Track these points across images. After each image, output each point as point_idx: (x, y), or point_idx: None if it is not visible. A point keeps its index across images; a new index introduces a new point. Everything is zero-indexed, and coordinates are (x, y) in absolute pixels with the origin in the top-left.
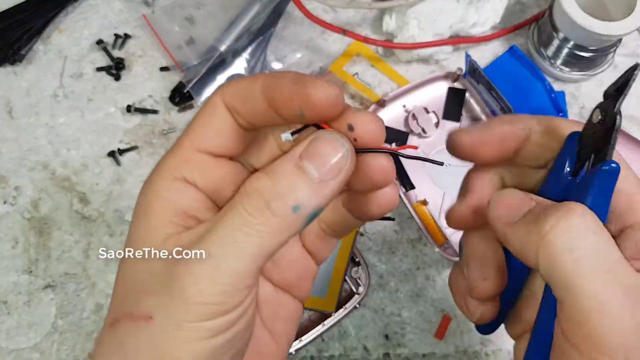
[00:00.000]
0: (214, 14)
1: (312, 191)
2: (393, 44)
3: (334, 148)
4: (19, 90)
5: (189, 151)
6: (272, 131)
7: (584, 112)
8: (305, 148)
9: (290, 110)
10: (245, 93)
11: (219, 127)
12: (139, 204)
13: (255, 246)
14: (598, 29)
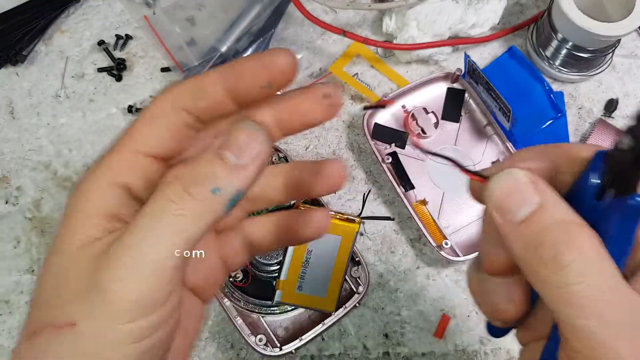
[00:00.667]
0: (215, 14)
1: (231, 174)
2: (393, 44)
3: (250, 136)
4: (21, 91)
5: (128, 154)
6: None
7: (583, 112)
8: (223, 139)
9: (254, 87)
10: (197, 89)
11: (163, 129)
12: (66, 206)
13: (176, 233)
14: (597, 29)
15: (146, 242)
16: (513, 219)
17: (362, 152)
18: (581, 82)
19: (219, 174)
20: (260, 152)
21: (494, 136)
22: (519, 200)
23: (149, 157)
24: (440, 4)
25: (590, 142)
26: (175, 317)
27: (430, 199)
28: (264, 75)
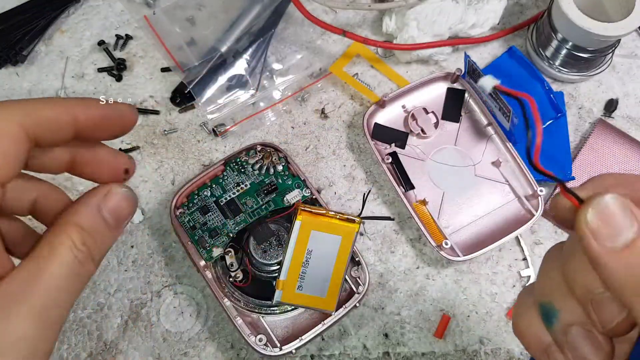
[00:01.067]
0: (215, 15)
1: (113, 238)
2: (393, 45)
3: (130, 205)
4: (21, 91)
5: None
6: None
7: (583, 112)
8: (105, 201)
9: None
10: (55, 124)
11: (12, 156)
12: None
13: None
14: (596, 30)
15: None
16: (613, 245)
17: (362, 152)
18: (581, 82)
19: (106, 239)
20: (130, 215)
21: (494, 136)
22: (619, 226)
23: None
24: (440, 4)
25: (590, 142)
26: None
27: (430, 199)
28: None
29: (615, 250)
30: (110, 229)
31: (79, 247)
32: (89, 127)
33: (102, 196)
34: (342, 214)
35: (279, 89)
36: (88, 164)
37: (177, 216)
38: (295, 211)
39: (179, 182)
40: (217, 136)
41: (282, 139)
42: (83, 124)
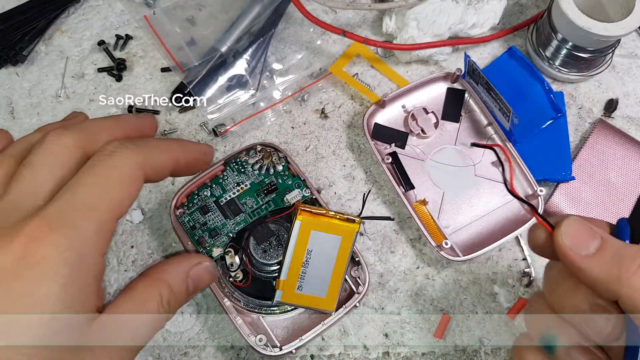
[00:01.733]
0: (215, 15)
1: (185, 302)
2: (393, 45)
3: (210, 280)
4: (21, 91)
5: (111, 220)
6: None
7: (582, 112)
8: (194, 269)
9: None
10: (163, 167)
11: (134, 196)
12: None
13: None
14: (596, 30)
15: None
16: (588, 253)
17: (362, 152)
18: (581, 82)
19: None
20: (207, 286)
21: (494, 136)
22: (587, 238)
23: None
24: (440, 4)
25: (590, 142)
26: None
27: (430, 199)
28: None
29: (589, 256)
30: (187, 295)
31: (164, 304)
32: (182, 169)
33: (193, 264)
34: (342, 214)
35: (279, 89)
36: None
37: (177, 216)
38: (295, 211)
39: (179, 182)
40: (217, 136)
41: (282, 139)
42: (180, 166)
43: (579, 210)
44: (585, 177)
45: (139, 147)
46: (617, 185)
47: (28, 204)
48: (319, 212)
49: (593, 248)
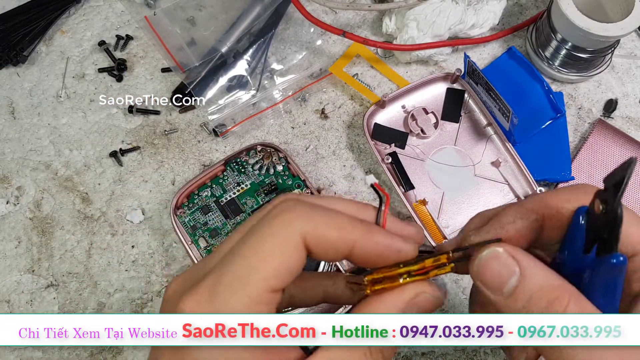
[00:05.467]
0: (215, 15)
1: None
2: (392, 45)
3: (434, 305)
4: (22, 91)
5: (266, 294)
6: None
7: (582, 112)
8: (411, 306)
9: (370, 266)
10: (332, 246)
11: (295, 269)
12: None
13: None
14: (596, 30)
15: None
16: (501, 295)
17: (362, 152)
18: (580, 82)
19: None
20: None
21: (493, 136)
22: (503, 277)
23: (275, 292)
24: (439, 5)
25: (590, 142)
26: None
27: (430, 199)
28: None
29: (504, 297)
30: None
31: (374, 355)
32: (362, 258)
33: (408, 301)
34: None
35: (279, 89)
36: (368, 259)
37: (177, 216)
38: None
39: (180, 182)
40: (217, 136)
41: (282, 139)
42: (358, 254)
43: None
44: (585, 177)
45: (305, 216)
46: None
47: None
48: (393, 282)
49: (508, 288)
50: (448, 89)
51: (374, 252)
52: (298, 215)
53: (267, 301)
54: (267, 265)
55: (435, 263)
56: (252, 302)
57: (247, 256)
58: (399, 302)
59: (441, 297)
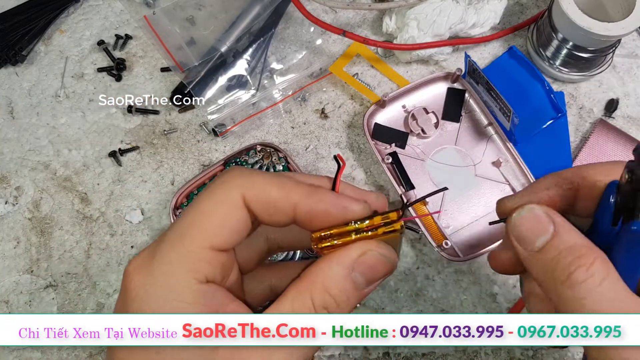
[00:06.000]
0: (215, 14)
1: (357, 300)
2: (393, 44)
3: (386, 267)
4: (21, 91)
5: (205, 251)
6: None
7: (583, 112)
8: (359, 263)
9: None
10: (274, 207)
11: (236, 228)
12: (157, 308)
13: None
14: (597, 29)
15: None
16: (532, 248)
17: (362, 152)
18: (581, 82)
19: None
20: (384, 276)
21: (494, 136)
22: (537, 232)
23: (217, 250)
24: (440, 4)
25: (591, 142)
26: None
27: (430, 199)
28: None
29: (533, 252)
30: (358, 291)
31: (318, 311)
32: (307, 220)
33: (355, 258)
34: (370, 220)
35: (279, 89)
36: (315, 218)
37: (177, 216)
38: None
39: (179, 182)
40: (217, 136)
41: (282, 139)
42: (303, 215)
43: None
44: None
45: (245, 176)
46: None
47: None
48: (343, 239)
49: (540, 243)
50: (449, 89)
51: (319, 210)
52: (237, 175)
53: (208, 259)
54: (205, 221)
55: (385, 220)
56: (192, 257)
57: (187, 215)
58: (346, 260)
59: (392, 258)
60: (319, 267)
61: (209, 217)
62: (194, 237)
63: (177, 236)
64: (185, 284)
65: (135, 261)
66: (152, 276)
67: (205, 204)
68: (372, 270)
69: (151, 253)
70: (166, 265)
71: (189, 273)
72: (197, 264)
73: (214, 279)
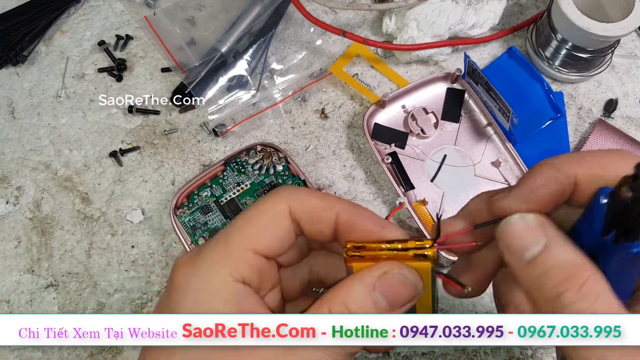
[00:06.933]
0: (215, 15)
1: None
2: (392, 45)
3: (409, 291)
4: (22, 91)
5: (246, 252)
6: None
7: (582, 112)
8: (380, 281)
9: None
10: (317, 216)
11: (279, 235)
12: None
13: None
14: (596, 30)
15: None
16: (521, 260)
17: (362, 152)
18: (581, 82)
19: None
20: (409, 304)
21: (493, 136)
22: (527, 244)
23: (258, 255)
24: (440, 5)
25: (590, 142)
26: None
27: (430, 199)
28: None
29: (522, 263)
30: (378, 311)
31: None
32: (345, 230)
33: (377, 276)
34: (404, 243)
35: (279, 89)
36: (353, 230)
37: (177, 216)
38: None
39: (179, 182)
40: (217, 136)
41: (282, 139)
42: (341, 225)
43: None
44: None
45: (291, 191)
46: None
47: None
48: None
49: (529, 256)
50: (448, 89)
51: (358, 223)
52: (284, 189)
53: (248, 260)
54: (250, 226)
55: (418, 244)
56: (233, 257)
57: (235, 222)
58: (368, 278)
59: (415, 281)
60: (341, 284)
61: (254, 222)
62: (237, 238)
63: (222, 238)
64: (222, 280)
65: (184, 257)
66: (195, 269)
67: (253, 212)
68: (393, 291)
69: (198, 251)
70: (208, 261)
71: (227, 270)
72: (237, 264)
73: (251, 282)
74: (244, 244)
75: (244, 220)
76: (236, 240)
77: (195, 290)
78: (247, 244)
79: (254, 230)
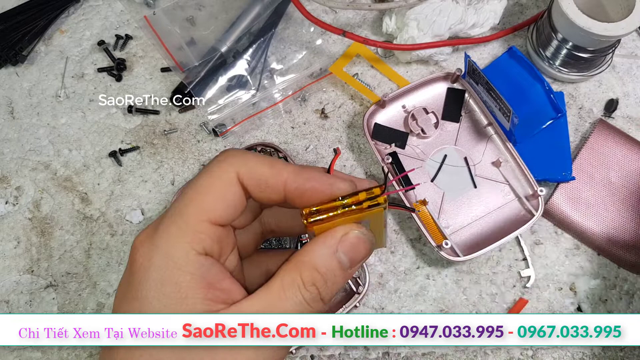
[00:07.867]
0: (215, 15)
1: (343, 279)
2: (393, 45)
3: (366, 248)
4: (21, 91)
5: (203, 224)
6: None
7: (583, 112)
8: (342, 243)
9: (307, 203)
10: (265, 183)
11: (232, 203)
12: (158, 278)
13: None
14: (596, 30)
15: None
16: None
17: (362, 152)
18: (581, 82)
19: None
20: (366, 256)
21: (494, 136)
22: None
23: (214, 224)
24: (440, 4)
25: (590, 142)
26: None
27: (430, 199)
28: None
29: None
30: (343, 270)
31: (307, 287)
32: (296, 196)
33: (339, 238)
34: (355, 196)
35: (279, 89)
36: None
37: None
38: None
39: (179, 182)
40: (217, 136)
41: (282, 139)
42: (292, 191)
43: (579, 210)
44: (586, 177)
45: (239, 156)
46: (618, 185)
47: None
48: (332, 214)
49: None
50: (448, 89)
51: (307, 187)
52: (231, 155)
53: (206, 232)
54: (203, 197)
55: (369, 195)
56: (190, 229)
57: (187, 193)
58: (331, 241)
59: (371, 237)
60: (306, 249)
61: (206, 193)
62: (193, 211)
63: (177, 211)
64: (184, 254)
65: (141, 235)
66: (155, 247)
67: (202, 181)
68: (354, 249)
69: (154, 227)
70: (167, 237)
71: (188, 244)
72: (196, 236)
73: (212, 252)
74: (199, 216)
75: (195, 191)
76: (192, 213)
77: (158, 267)
78: (203, 216)
79: (206, 201)
